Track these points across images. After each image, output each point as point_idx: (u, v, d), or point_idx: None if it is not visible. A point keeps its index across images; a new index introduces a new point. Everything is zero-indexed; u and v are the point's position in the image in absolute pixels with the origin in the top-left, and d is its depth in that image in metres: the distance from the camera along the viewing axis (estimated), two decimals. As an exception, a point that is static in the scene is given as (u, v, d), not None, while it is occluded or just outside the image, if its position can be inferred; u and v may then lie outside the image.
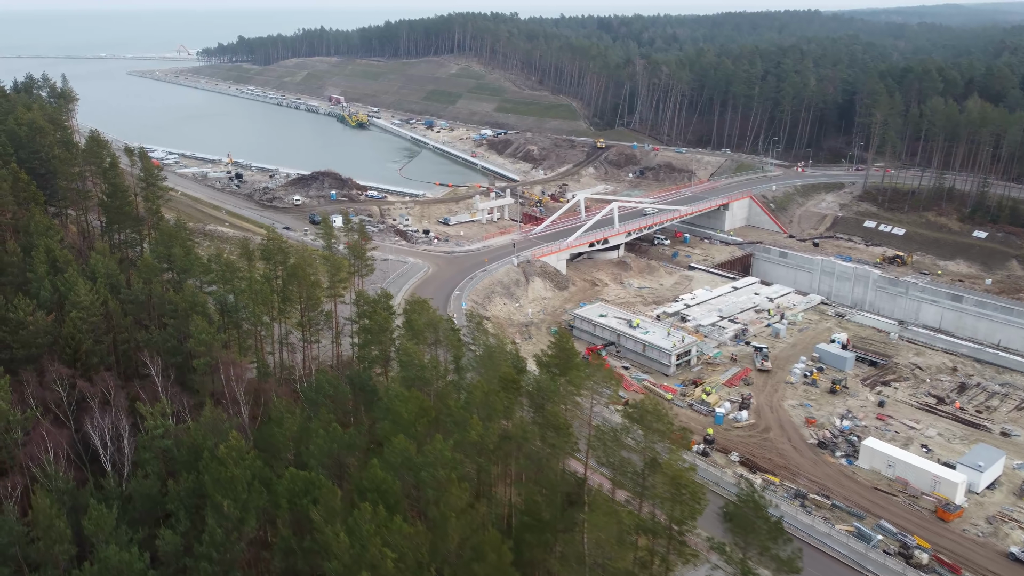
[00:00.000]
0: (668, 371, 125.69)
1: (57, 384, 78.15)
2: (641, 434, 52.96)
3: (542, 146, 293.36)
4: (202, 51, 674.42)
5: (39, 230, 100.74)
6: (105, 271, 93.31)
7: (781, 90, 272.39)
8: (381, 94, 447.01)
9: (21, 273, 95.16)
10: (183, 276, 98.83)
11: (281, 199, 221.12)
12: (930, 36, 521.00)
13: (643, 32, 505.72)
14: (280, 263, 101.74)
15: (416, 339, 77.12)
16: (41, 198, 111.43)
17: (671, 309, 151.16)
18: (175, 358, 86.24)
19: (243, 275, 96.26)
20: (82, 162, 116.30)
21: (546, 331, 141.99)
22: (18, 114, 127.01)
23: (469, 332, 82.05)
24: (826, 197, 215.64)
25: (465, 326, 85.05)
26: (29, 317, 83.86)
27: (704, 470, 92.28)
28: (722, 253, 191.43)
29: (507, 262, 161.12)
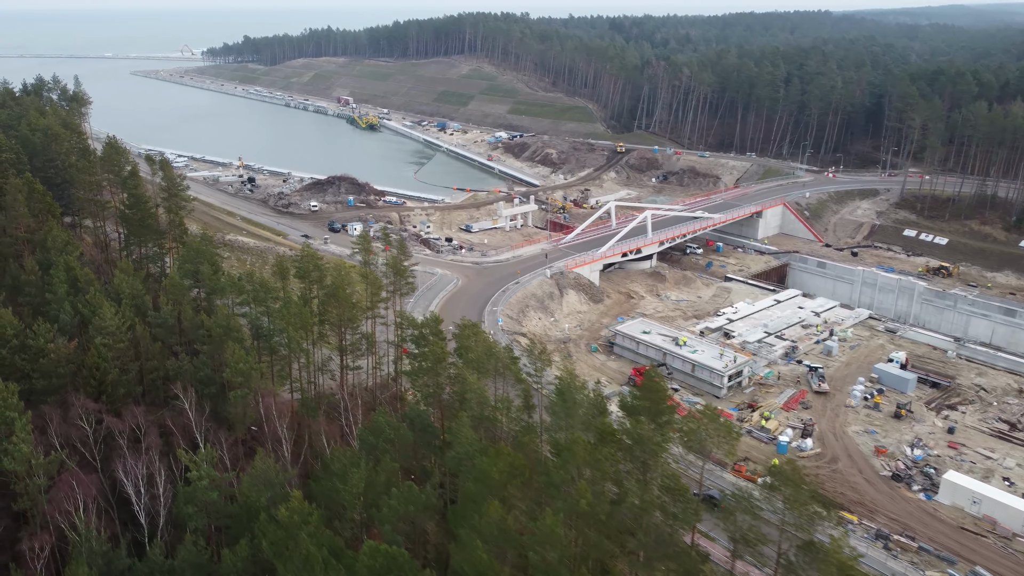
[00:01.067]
0: (719, 393, 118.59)
1: (83, 420, 71.21)
2: (782, 505, 45.85)
3: (560, 149, 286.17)
4: (207, 51, 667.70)
5: (57, 245, 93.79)
6: (130, 292, 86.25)
7: (807, 93, 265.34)
8: (391, 95, 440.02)
9: (39, 293, 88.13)
10: (213, 296, 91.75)
11: (297, 205, 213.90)
12: (944, 37, 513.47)
13: (655, 33, 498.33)
14: (315, 281, 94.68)
15: (476, 371, 70.01)
16: (58, 210, 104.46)
17: (713, 324, 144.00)
18: (209, 389, 79.19)
19: (276, 295, 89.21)
20: (100, 171, 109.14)
21: (585, 348, 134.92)
22: (31, 119, 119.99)
23: (531, 362, 74.82)
24: (861, 204, 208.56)
25: (524, 356, 77.73)
26: (50, 344, 76.83)
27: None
28: (757, 263, 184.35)
29: (539, 274, 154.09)
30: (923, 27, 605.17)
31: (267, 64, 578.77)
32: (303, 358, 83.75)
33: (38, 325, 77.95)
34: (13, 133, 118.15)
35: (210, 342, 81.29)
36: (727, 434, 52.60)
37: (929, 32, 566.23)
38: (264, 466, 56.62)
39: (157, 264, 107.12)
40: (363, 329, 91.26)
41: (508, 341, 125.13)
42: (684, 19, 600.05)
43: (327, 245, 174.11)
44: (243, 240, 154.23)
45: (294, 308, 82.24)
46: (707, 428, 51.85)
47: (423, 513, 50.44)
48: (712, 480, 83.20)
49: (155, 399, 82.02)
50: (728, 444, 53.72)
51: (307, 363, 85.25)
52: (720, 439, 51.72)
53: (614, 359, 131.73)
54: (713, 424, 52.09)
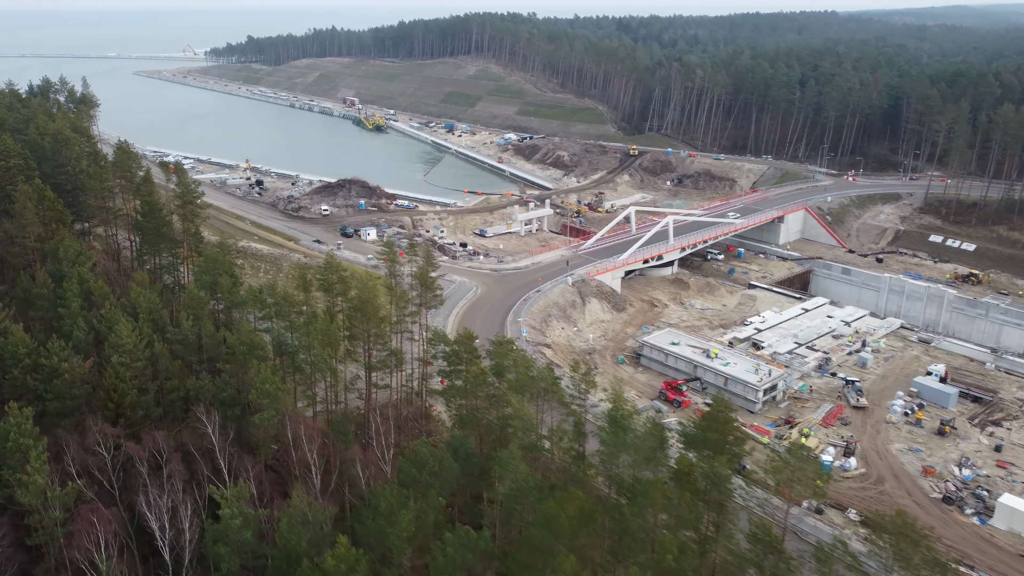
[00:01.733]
0: (754, 408, 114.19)
1: (100, 446, 66.89)
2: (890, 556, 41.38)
3: (572, 152, 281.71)
4: (210, 51, 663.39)
5: (69, 256, 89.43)
6: (147, 306, 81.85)
7: (824, 94, 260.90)
8: (397, 96, 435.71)
9: (51, 307, 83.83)
10: (233, 310, 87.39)
11: (307, 208, 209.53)
12: (954, 38, 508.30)
13: (663, 33, 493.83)
14: (339, 294, 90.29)
15: (519, 393, 65.64)
16: (69, 218, 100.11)
17: (741, 334, 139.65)
18: (232, 410, 74.87)
19: (300, 309, 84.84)
20: (112, 176, 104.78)
21: (611, 359, 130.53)
22: (40, 123, 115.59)
23: (573, 384, 70.46)
24: (884, 209, 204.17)
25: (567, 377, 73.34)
26: (64, 364, 72.51)
27: (824, 533, 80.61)
28: (780, 269, 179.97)
29: (561, 281, 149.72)
30: (931, 28, 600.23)
31: (271, 64, 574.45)
32: (330, 376, 79.26)
33: (51, 343, 73.71)
34: (21, 137, 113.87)
35: (233, 360, 77.01)
36: (818, 474, 48.15)
37: (937, 33, 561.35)
38: (301, 503, 52.21)
39: (172, 274, 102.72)
40: (391, 345, 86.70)
41: (533, 352, 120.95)
42: (691, 19, 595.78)
43: (340, 251, 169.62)
44: (256, 247, 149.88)
45: (320, 324, 77.84)
46: (794, 469, 47.42)
47: (481, 561, 46.12)
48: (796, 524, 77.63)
49: (175, 420, 77.72)
50: (819, 487, 49.33)
51: (335, 382, 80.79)
52: (809, 481, 47.45)
53: (641, 371, 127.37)
54: (803, 464, 47.65)
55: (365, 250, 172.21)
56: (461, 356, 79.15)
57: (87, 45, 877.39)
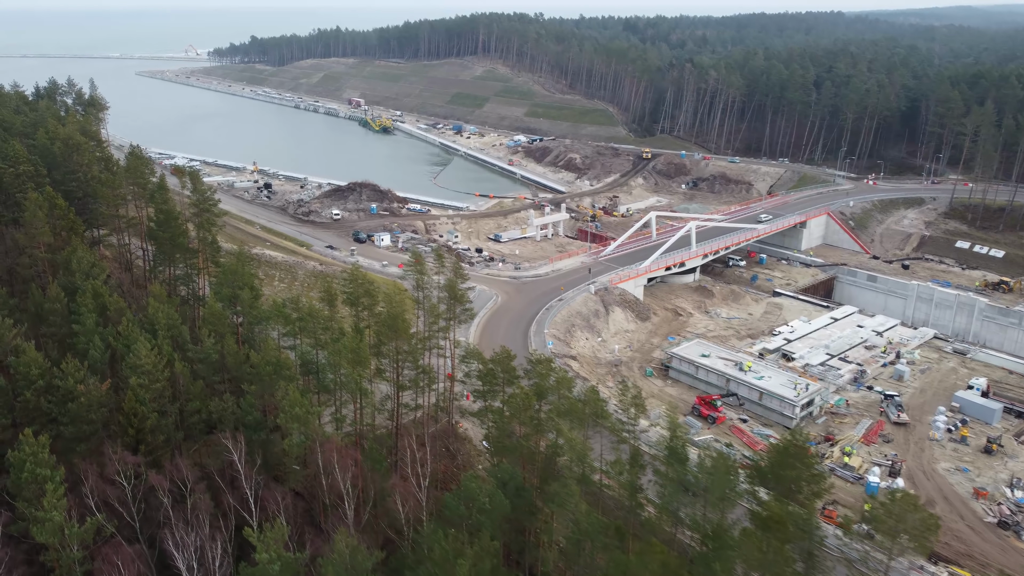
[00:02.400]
0: (791, 424, 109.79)
1: (120, 476, 62.65)
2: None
3: (584, 154, 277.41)
4: (213, 51, 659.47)
5: (83, 268, 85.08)
6: (166, 322, 77.54)
7: (841, 96, 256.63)
8: (403, 97, 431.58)
9: (65, 323, 79.54)
10: (255, 326, 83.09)
11: (318, 213, 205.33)
12: (964, 39, 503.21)
13: (671, 33, 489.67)
14: (366, 308, 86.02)
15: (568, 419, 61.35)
16: (81, 227, 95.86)
17: (771, 345, 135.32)
18: (258, 434, 70.60)
19: (327, 325, 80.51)
20: (125, 183, 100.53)
21: (639, 372, 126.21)
22: (49, 127, 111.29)
23: (622, 407, 66.16)
24: (907, 214, 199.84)
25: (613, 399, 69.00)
26: (80, 386, 68.22)
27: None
28: (804, 276, 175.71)
29: (583, 289, 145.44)
30: (939, 28, 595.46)
31: (275, 65, 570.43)
32: (361, 398, 74.92)
33: (66, 363, 69.42)
34: (30, 142, 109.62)
35: (258, 381, 72.70)
36: (930, 527, 43.78)
37: (946, 34, 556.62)
38: (346, 547, 47.91)
39: (188, 286, 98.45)
40: (422, 363, 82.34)
41: (559, 365, 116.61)
42: (697, 20, 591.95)
43: (354, 257, 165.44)
44: (271, 255, 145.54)
45: (349, 341, 73.51)
46: (897, 518, 43.06)
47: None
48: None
49: (196, 444, 73.49)
50: (929, 538, 45.06)
51: (366, 403, 76.42)
52: (921, 534, 43.11)
53: (671, 384, 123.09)
54: (914, 514, 43.28)
55: (379, 256, 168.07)
56: (498, 376, 75.00)
57: (89, 45, 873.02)
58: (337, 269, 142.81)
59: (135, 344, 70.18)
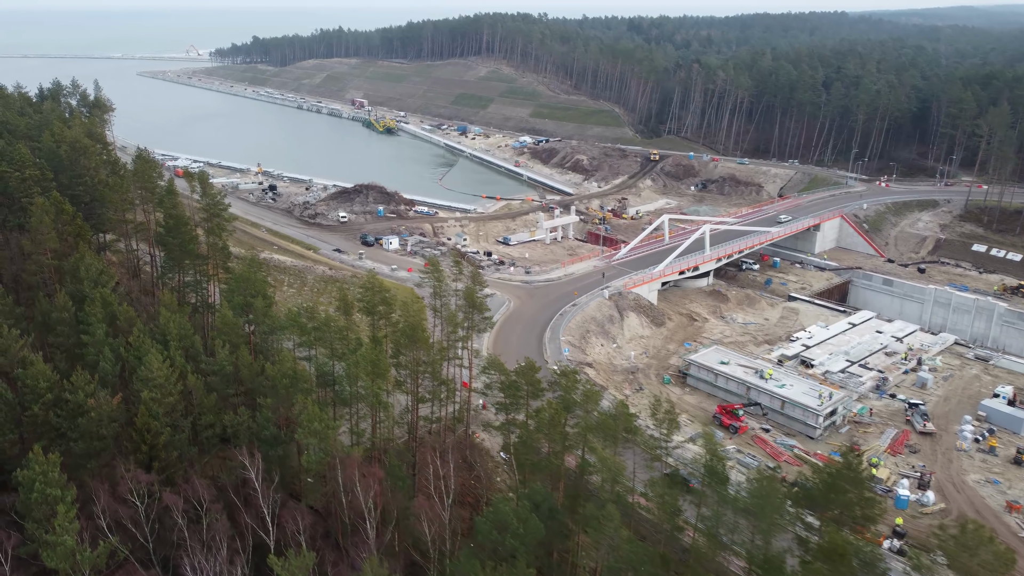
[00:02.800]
0: (814, 434, 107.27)
1: (133, 495, 60.13)
2: None
3: (591, 155, 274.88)
4: (214, 52, 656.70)
5: (91, 275, 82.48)
6: (178, 332, 74.97)
7: (852, 97, 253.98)
8: (406, 97, 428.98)
9: (73, 332, 76.94)
10: (269, 336, 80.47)
11: (324, 215, 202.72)
12: (969, 39, 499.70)
13: (675, 34, 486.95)
14: (383, 316, 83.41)
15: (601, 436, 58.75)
16: (89, 233, 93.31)
17: (789, 351, 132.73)
18: (274, 450, 68.07)
19: (343, 335, 77.93)
20: (133, 187, 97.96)
21: (655, 379, 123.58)
22: (55, 130, 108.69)
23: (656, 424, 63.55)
24: (921, 216, 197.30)
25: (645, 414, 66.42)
26: (90, 400, 65.68)
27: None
28: (818, 280, 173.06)
29: (597, 295, 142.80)
30: (943, 29, 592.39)
31: (277, 65, 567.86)
32: (380, 411, 72.31)
33: (76, 376, 66.89)
34: (35, 145, 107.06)
35: (274, 394, 70.14)
36: (1006, 561, 41.31)
37: (950, 34, 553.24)
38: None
39: (198, 293, 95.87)
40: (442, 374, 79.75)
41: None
42: (701, 20, 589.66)
43: (362, 260, 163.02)
44: (279, 259, 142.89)
45: (369, 353, 70.93)
46: (976, 552, 40.46)
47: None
48: None
49: (209, 457, 70.97)
50: None
51: (384, 417, 73.80)
52: (996, 569, 40.52)
53: (689, 392, 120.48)
54: (988, 547, 40.73)
55: (388, 260, 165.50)
56: (522, 388, 72.51)
57: (90, 45, 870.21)
58: (347, 274, 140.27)
59: (147, 356, 67.64)
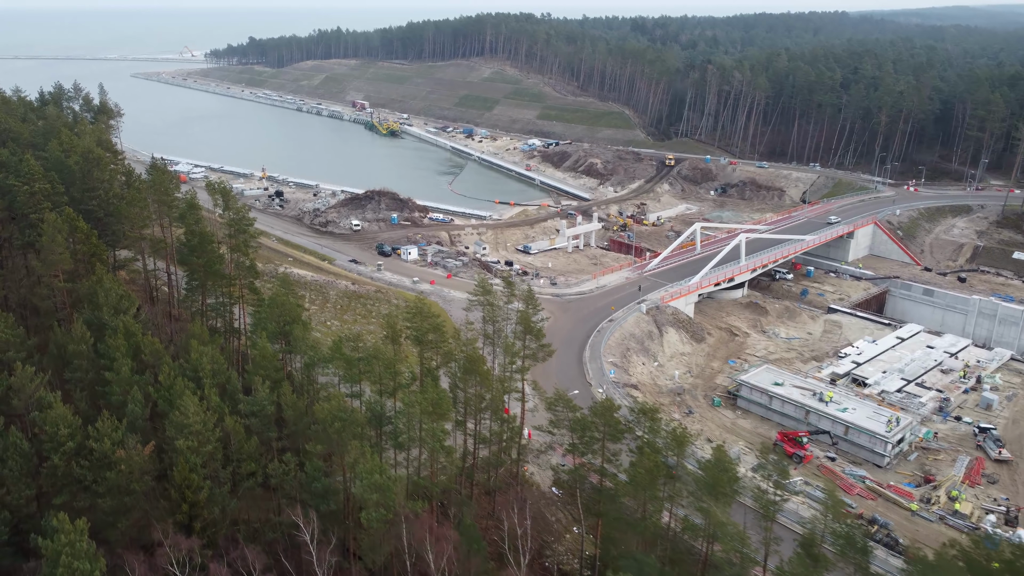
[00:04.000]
0: (882, 462, 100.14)
1: (173, 565, 52.36)
2: None
3: (605, 159, 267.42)
4: (210, 53, 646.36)
5: (110, 301, 74.49)
6: (211, 367, 67.14)
7: (873, 99, 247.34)
8: (408, 99, 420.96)
9: (92, 367, 69.02)
10: (311, 370, 72.69)
11: (336, 223, 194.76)
12: (975, 40, 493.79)
13: (680, 34, 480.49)
14: (434, 346, 75.74)
15: (712, 496, 51.32)
16: (105, 252, 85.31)
17: (839, 368, 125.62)
18: (325, 503, 60.38)
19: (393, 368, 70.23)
20: (152, 201, 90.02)
21: (704, 401, 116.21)
22: (63, 138, 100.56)
23: (763, 476, 56.15)
24: (956, 222, 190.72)
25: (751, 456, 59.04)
26: (119, 451, 57.84)
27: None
28: (855, 290, 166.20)
29: (633, 309, 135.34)
30: (947, 28, 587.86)
31: (274, 66, 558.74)
32: (442, 457, 64.58)
33: (102, 421, 59.04)
34: (41, 154, 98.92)
35: (324, 439, 62.44)
36: None
37: (955, 34, 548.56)
38: None
39: (223, 317, 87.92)
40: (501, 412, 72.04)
41: (622, 396, 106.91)
42: (704, 20, 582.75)
43: (381, 272, 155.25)
44: (298, 273, 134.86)
45: (430, 392, 63.22)
46: None
47: None
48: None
49: (254, 514, 63.21)
50: None
51: (448, 464, 66.07)
52: None
53: (741, 415, 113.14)
54: None
55: (407, 271, 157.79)
56: (594, 426, 65.03)
57: (82, 46, 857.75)
58: (370, 289, 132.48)
59: (182, 399, 59.83)
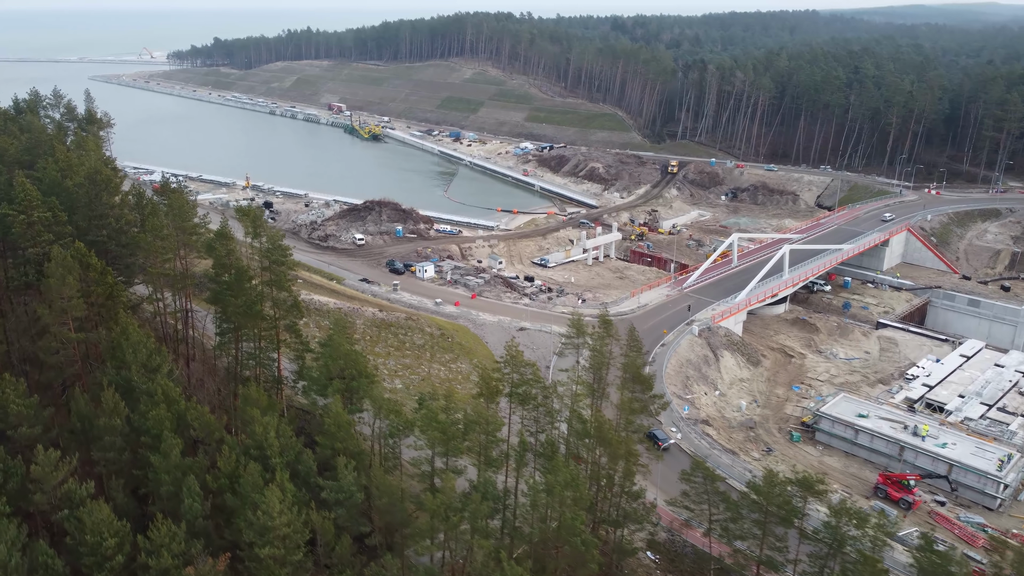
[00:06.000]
0: (994, 504, 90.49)
1: None
2: None
3: (606, 163, 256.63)
4: (172, 54, 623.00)
5: (140, 358, 61.08)
6: (279, 444, 54.27)
7: (883, 99, 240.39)
8: (387, 101, 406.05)
9: (127, 444, 55.76)
10: (396, 439, 60.07)
11: (337, 237, 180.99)
12: (952, 38, 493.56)
13: (661, 33, 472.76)
14: (538, 405, 63.57)
15: None
16: (123, 293, 71.53)
17: (912, 393, 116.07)
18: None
19: (495, 438, 58.06)
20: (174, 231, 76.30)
21: (780, 436, 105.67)
22: (58, 155, 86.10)
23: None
24: (988, 227, 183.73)
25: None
26: (188, 569, 44.91)
27: None
28: (898, 301, 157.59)
29: (684, 331, 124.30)
30: (919, 28, 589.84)
31: (241, 68, 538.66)
32: (586, 553, 52.46)
33: (156, 530, 46.05)
34: (33, 174, 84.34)
35: (431, 535, 49.98)
36: None
37: (928, 32, 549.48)
38: None
39: (263, 366, 74.44)
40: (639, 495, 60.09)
41: (699, 436, 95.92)
42: (680, 19, 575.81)
43: (398, 293, 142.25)
44: (318, 300, 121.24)
45: (565, 472, 51.06)
46: None
47: None
48: None
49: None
50: None
51: (590, 560, 53.90)
52: None
53: (824, 451, 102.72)
54: None
55: (427, 291, 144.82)
56: (765, 512, 53.54)
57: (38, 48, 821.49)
58: (400, 316, 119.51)
59: (263, 495, 46.98)
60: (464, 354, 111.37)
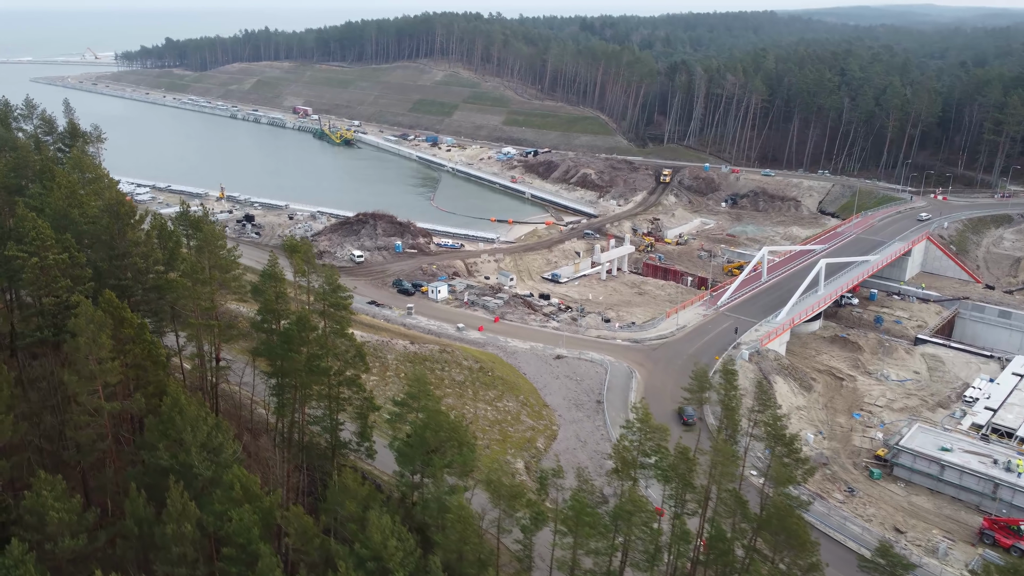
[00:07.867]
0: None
1: None
2: None
3: (598, 169, 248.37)
4: (121, 55, 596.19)
5: (198, 437, 49.71)
6: (391, 547, 43.64)
7: (879, 101, 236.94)
8: (355, 104, 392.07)
9: (202, 556, 44.46)
10: (528, 534, 49.71)
11: (332, 253, 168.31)
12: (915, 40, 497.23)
13: (631, 34, 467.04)
14: (685, 481, 53.78)
15: None
16: (161, 354, 59.66)
17: (978, 418, 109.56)
18: None
19: (651, 531, 48.10)
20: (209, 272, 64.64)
21: (857, 472, 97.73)
22: (59, 181, 73.21)
23: None
24: (1003, 234, 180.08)
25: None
26: None
27: None
28: (928, 314, 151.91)
29: (736, 357, 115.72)
30: (876, 29, 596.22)
31: (196, 70, 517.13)
32: None
33: None
34: (28, 202, 71.49)
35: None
36: None
37: (885, 34, 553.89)
38: None
39: (330, 433, 63.18)
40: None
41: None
42: (645, 20, 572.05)
43: (413, 317, 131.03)
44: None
45: None
46: None
47: None
48: None
49: None
50: None
51: None
52: None
53: (904, 487, 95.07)
54: None
55: (444, 315, 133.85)
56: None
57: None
58: (433, 348, 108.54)
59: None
60: (508, 390, 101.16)
